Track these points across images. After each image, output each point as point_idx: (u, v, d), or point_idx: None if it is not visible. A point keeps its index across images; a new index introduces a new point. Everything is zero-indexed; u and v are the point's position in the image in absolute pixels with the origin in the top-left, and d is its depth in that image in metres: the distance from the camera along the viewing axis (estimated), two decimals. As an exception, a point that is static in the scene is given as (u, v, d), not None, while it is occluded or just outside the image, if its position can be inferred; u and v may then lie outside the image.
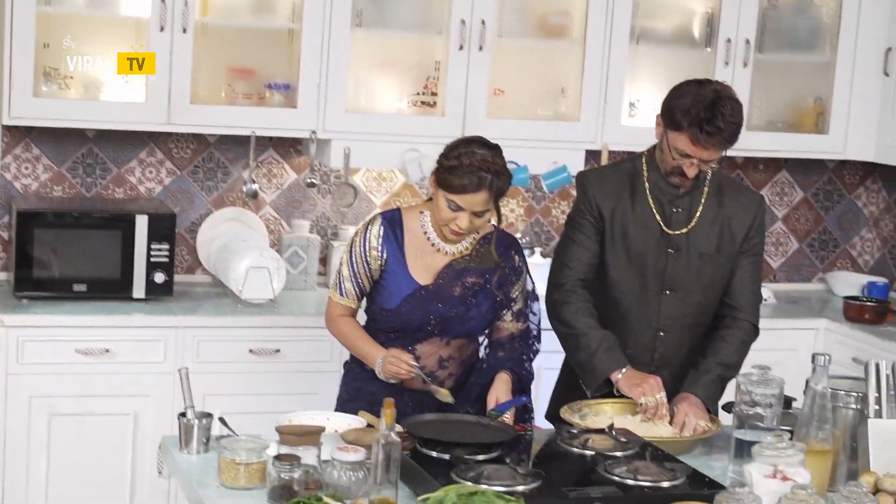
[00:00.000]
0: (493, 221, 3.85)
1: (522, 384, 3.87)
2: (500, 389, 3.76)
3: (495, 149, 3.75)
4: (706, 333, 4.01)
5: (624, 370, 3.82)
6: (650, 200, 3.95)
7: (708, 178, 3.96)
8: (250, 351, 5.03)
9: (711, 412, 3.86)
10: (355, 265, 3.82)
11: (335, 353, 5.05)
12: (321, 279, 5.63)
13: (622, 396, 3.84)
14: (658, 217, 3.94)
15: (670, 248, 3.94)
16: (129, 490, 4.98)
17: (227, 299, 5.25)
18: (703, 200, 3.96)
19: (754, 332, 4.03)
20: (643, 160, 4.00)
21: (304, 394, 4.91)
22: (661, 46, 5.76)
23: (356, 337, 3.85)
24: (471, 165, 3.66)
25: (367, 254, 3.81)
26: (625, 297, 3.97)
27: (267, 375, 5.03)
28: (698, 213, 3.95)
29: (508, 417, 3.68)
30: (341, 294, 3.86)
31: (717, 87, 3.79)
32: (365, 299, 3.93)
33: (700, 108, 3.73)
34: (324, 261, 5.66)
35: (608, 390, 3.86)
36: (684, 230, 3.94)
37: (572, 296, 3.95)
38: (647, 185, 3.96)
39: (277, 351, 5.05)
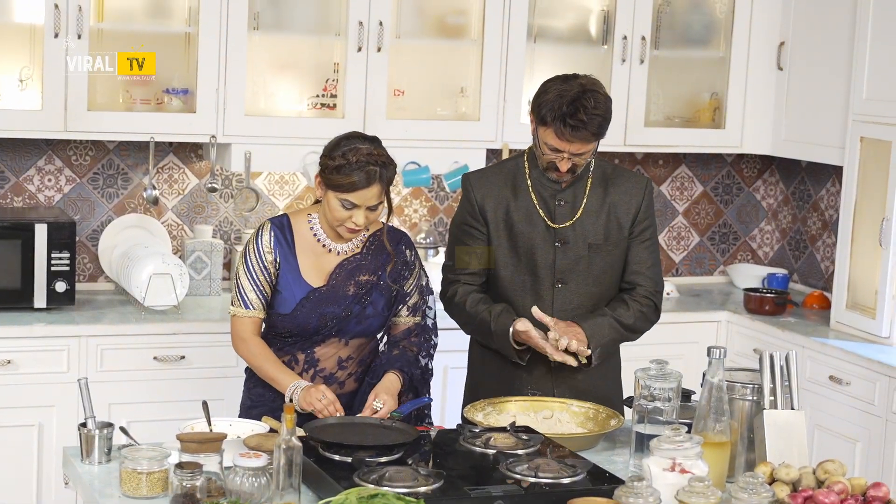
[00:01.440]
0: (383, 217, 3.85)
1: (416, 383, 3.86)
2: (382, 388, 3.73)
3: (374, 140, 3.76)
4: None
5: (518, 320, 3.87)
6: (533, 196, 3.98)
7: (591, 168, 4.00)
8: (155, 358, 5.00)
9: (593, 352, 3.88)
10: (254, 274, 3.79)
11: (240, 359, 4.99)
12: (226, 284, 5.60)
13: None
14: (542, 212, 3.97)
15: (557, 242, 3.97)
16: (35, 502, 4.92)
17: (131, 307, 5.21)
18: (586, 191, 3.99)
19: (655, 310, 4.04)
20: (524, 158, 4.03)
21: (210, 400, 4.76)
22: (559, 44, 5.81)
23: (266, 360, 3.78)
24: (358, 162, 3.66)
25: (263, 259, 3.79)
26: (517, 293, 4.00)
27: (172, 382, 5.01)
28: (583, 205, 3.98)
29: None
30: (246, 307, 3.79)
31: (583, 82, 3.83)
32: None
33: (563, 103, 3.76)
34: (228, 265, 5.64)
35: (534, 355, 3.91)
36: (569, 222, 3.97)
37: (465, 294, 3.98)
38: (528, 181, 3.99)
39: (182, 357, 5.03)
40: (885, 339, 5.21)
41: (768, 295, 5.84)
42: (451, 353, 4.67)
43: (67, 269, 5.02)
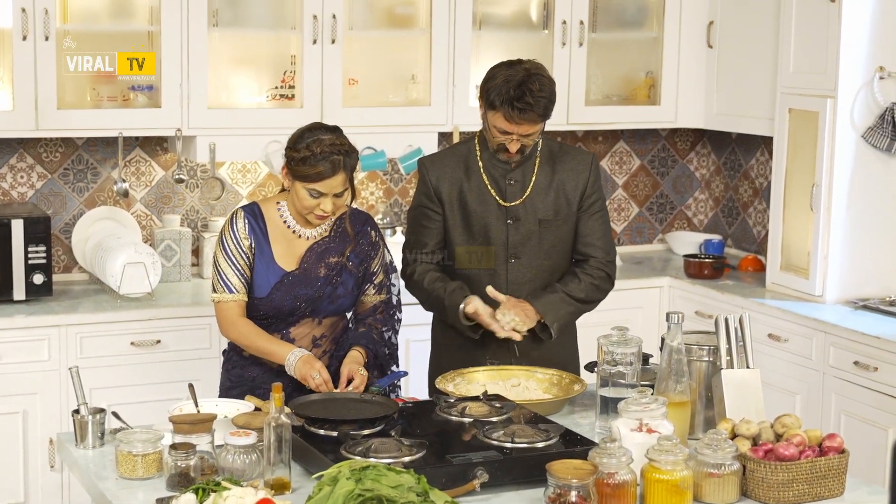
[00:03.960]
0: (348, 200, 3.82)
1: (380, 359, 3.85)
2: (352, 362, 3.71)
3: (336, 130, 3.74)
4: None
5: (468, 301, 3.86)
6: (484, 177, 3.98)
7: (539, 148, 4.00)
8: (132, 343, 4.95)
9: (550, 326, 3.89)
10: (233, 258, 3.76)
11: (214, 341, 5.00)
12: (195, 270, 5.56)
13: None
14: (493, 192, 3.97)
15: (509, 219, 3.97)
16: (22, 486, 4.87)
17: (106, 295, 5.15)
18: (535, 170, 3.99)
19: (608, 279, 4.04)
20: (475, 141, 4.03)
21: (187, 382, 4.79)
22: (502, 30, 5.79)
23: (258, 336, 3.74)
24: (322, 152, 3.64)
25: (241, 244, 3.75)
26: (473, 268, 4.00)
27: (150, 366, 4.96)
28: (532, 183, 3.98)
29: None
30: (230, 291, 3.75)
31: (528, 66, 3.83)
32: None
33: (510, 87, 3.77)
34: (196, 252, 5.59)
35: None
36: (519, 200, 3.97)
37: (424, 272, 3.98)
38: (480, 163, 3.99)
39: (158, 342, 4.98)
40: (818, 297, 5.26)
41: (706, 260, 5.86)
42: (414, 327, 4.66)
43: (44, 261, 4.95)
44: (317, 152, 3.64)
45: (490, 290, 3.88)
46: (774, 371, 5.18)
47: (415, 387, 4.90)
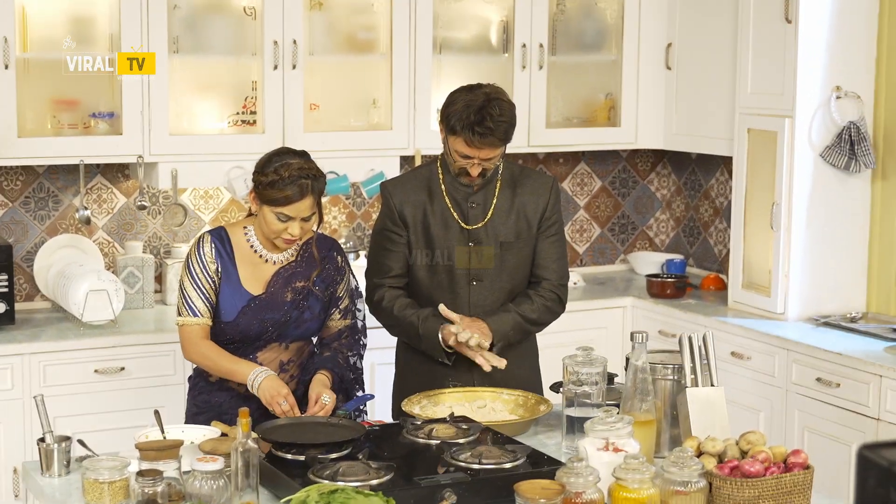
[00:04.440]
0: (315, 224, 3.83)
1: (346, 383, 3.85)
2: (320, 384, 3.71)
3: (304, 154, 3.75)
4: None
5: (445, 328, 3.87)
6: (447, 200, 3.99)
7: (500, 171, 4.01)
8: (96, 371, 4.92)
9: (495, 344, 3.89)
10: (199, 282, 3.75)
11: (179, 367, 4.98)
12: (158, 296, 5.54)
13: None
14: (455, 214, 3.98)
15: (471, 242, 3.98)
16: (-14, 515, 4.84)
17: (69, 323, 5.13)
18: (496, 193, 4.00)
19: (559, 302, 4.05)
20: (437, 164, 4.03)
21: (151, 408, 4.79)
22: (463, 54, 5.81)
23: (220, 357, 3.73)
24: (290, 177, 3.64)
25: (207, 268, 3.75)
26: (435, 291, 4.00)
27: (114, 393, 4.94)
28: (493, 206, 3.99)
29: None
30: (194, 314, 3.74)
31: (487, 91, 3.84)
32: None
33: (471, 112, 3.77)
34: (159, 278, 5.57)
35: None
36: (481, 223, 3.98)
37: (393, 299, 3.98)
38: (442, 186, 3.99)
39: (122, 369, 4.96)
40: (780, 314, 5.29)
41: (668, 280, 5.89)
42: (379, 350, 4.66)
43: (6, 290, 4.92)
44: (285, 176, 3.64)
45: (442, 308, 3.89)
46: (738, 388, 5.20)
47: (381, 410, 4.89)
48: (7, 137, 4.96)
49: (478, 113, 3.77)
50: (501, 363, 3.85)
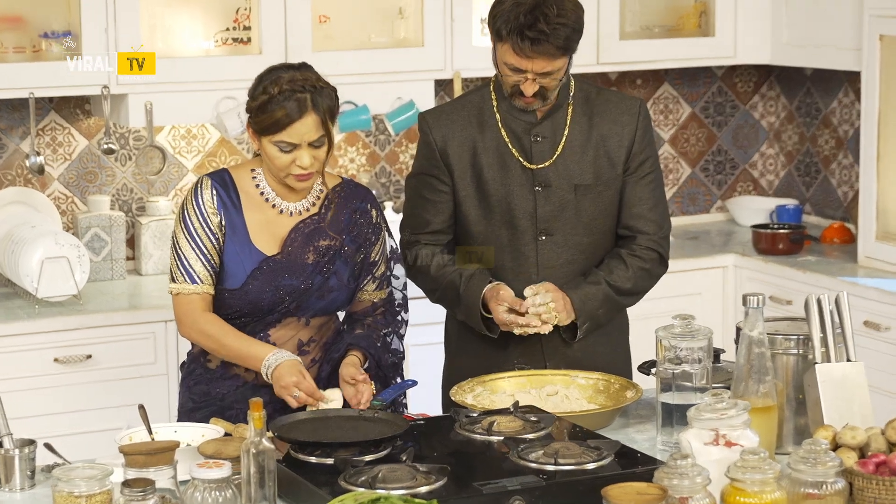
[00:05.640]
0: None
1: (383, 368, 3.88)
2: (354, 369, 3.74)
3: (302, 66, 3.76)
4: None
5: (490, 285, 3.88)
6: (504, 133, 3.99)
7: (572, 93, 4.01)
8: (56, 360, 4.98)
9: (580, 327, 3.91)
10: (199, 239, 3.76)
11: (160, 354, 5.02)
12: (131, 265, 5.58)
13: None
14: (515, 151, 3.98)
15: (537, 186, 3.99)
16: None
17: (21, 300, 5.18)
18: (567, 122, 4.00)
19: (660, 262, 4.07)
20: (490, 88, 4.04)
21: (128, 405, 4.85)
22: (512, -52, 5.80)
23: (227, 335, 3.74)
24: (283, 92, 3.65)
25: (209, 221, 3.76)
26: (493, 251, 4.02)
27: (80, 388, 4.99)
28: (563, 138, 3.99)
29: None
30: (192, 281, 3.75)
31: None
32: None
33: (521, 12, 3.76)
34: (132, 242, 5.61)
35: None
36: (549, 161, 3.99)
37: (429, 256, 3.99)
38: (497, 116, 4.00)
39: (89, 357, 5.01)
40: (926, 273, 5.31)
41: (781, 231, 5.90)
42: (421, 327, 4.69)
43: (-59, 259, 4.99)
44: (276, 94, 3.66)
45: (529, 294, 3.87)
46: (874, 367, 5.20)
47: (425, 399, 4.90)
48: (-64, 66, 5.02)
49: (529, 13, 3.76)
50: (544, 329, 3.86)
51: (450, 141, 4.00)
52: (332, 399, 3.69)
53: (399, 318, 3.99)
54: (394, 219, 5.48)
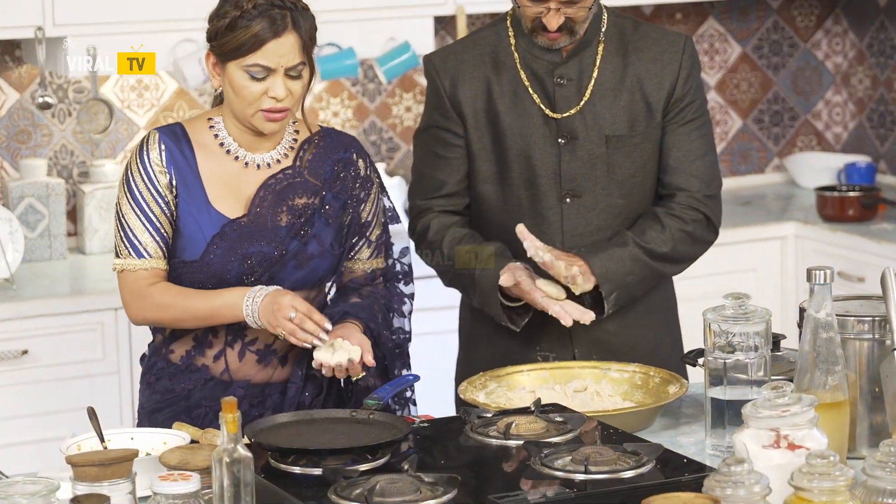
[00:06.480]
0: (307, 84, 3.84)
1: (383, 349, 3.88)
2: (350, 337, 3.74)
3: None
4: None
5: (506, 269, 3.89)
6: (523, 76, 4.01)
7: (603, 27, 4.03)
8: (-15, 356, 5.02)
9: (606, 297, 3.92)
10: (145, 205, 3.76)
11: (109, 347, 5.05)
12: (73, 241, 5.60)
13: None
14: (536, 96, 4.00)
15: (561, 138, 4.00)
16: None
17: (-59, 285, 5.22)
18: (597, 61, 4.01)
19: (707, 225, 4.06)
20: (507, 23, 4.05)
21: (74, 409, 4.88)
22: None
23: (187, 298, 3.74)
24: (255, 7, 3.64)
25: (156, 183, 3.77)
26: (511, 215, 4.02)
27: (14, 389, 5.02)
28: (592, 80, 4.01)
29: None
30: (139, 255, 3.76)
31: None
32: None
33: None
34: (73, 215, 5.63)
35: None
36: (576, 108, 4.01)
37: (442, 228, 4.01)
38: (515, 55, 4.02)
39: (24, 353, 5.04)
40: None
41: (850, 194, 5.92)
42: (427, 311, 4.72)
43: None
44: (246, 9, 3.64)
45: (521, 230, 3.86)
46: (963, 356, 5.24)
47: (432, 397, 4.93)
48: None
49: None
50: (586, 316, 3.88)
51: (460, 85, 4.02)
52: (341, 347, 3.67)
53: (399, 289, 3.99)
54: (389, 184, 5.51)
